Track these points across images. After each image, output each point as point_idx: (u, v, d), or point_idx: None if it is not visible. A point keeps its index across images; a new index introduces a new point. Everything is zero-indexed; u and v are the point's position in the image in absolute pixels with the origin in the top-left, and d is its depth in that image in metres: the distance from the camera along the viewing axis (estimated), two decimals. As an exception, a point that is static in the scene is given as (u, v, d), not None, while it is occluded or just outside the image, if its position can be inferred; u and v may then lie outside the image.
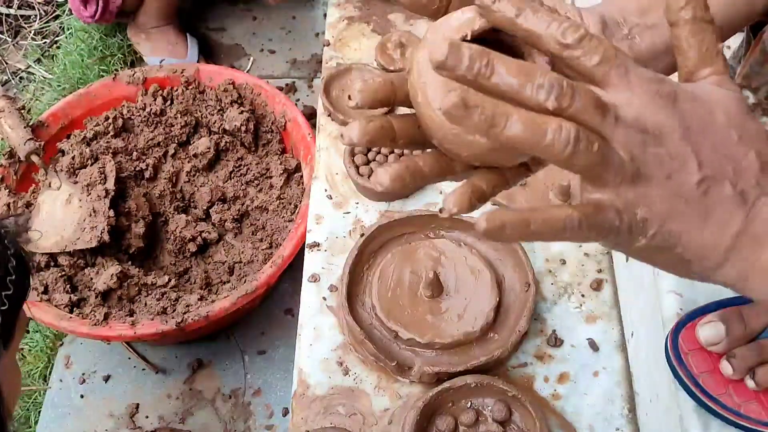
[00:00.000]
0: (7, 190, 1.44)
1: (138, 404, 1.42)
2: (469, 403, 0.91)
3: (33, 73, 2.02)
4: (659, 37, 0.55)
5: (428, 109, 0.43)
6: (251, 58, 1.93)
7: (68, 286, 1.35)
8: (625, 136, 0.38)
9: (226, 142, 1.55)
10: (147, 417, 1.41)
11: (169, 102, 1.57)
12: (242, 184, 1.53)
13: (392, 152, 1.15)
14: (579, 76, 0.40)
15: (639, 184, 0.39)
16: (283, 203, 1.48)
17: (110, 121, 1.54)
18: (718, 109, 0.41)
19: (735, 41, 0.77)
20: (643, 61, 0.54)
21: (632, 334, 0.96)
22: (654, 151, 0.39)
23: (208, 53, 1.94)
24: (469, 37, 0.42)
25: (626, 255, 0.42)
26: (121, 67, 1.87)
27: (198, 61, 1.86)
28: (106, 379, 1.45)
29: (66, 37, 2.02)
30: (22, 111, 1.49)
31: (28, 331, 1.54)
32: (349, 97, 0.45)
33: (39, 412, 1.42)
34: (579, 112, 0.37)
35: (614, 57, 0.39)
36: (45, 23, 2.13)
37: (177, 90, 1.58)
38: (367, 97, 0.45)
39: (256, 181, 1.53)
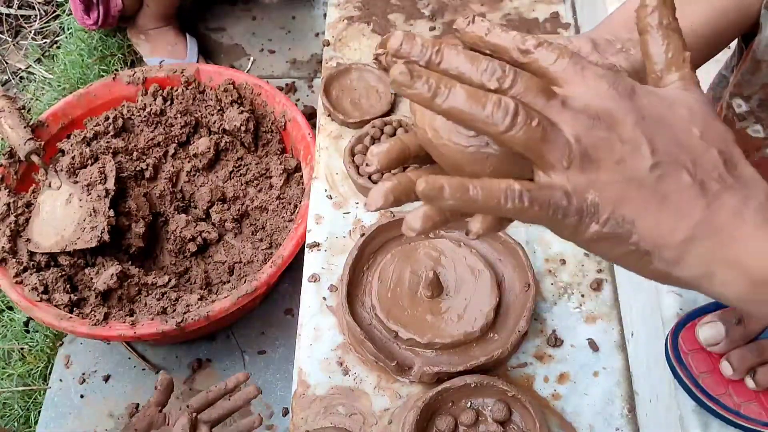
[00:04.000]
0: (7, 190, 1.44)
1: (138, 404, 1.42)
2: (469, 403, 0.91)
3: (33, 73, 2.02)
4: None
5: (439, 140, 0.44)
6: (251, 58, 1.93)
7: (68, 286, 1.35)
8: (572, 119, 0.39)
9: (226, 142, 1.55)
10: (147, 417, 1.41)
11: (169, 102, 1.57)
12: (242, 184, 1.53)
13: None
14: (540, 79, 0.41)
15: (589, 168, 0.39)
16: (283, 203, 1.48)
17: (110, 121, 1.54)
18: (679, 106, 0.42)
19: (724, 51, 0.78)
20: (640, 71, 0.55)
21: (632, 334, 0.96)
22: (603, 135, 0.39)
23: (208, 53, 1.94)
24: None
25: (582, 246, 0.42)
26: (121, 67, 1.87)
27: (198, 61, 1.86)
28: (106, 379, 1.45)
29: (66, 37, 2.02)
30: (22, 111, 1.49)
31: (27, 331, 1.54)
32: (367, 164, 0.47)
33: (39, 412, 1.42)
34: (521, 94, 0.39)
35: (569, 56, 0.40)
36: (45, 23, 2.13)
37: (177, 90, 1.58)
38: (383, 159, 0.47)
39: (256, 181, 1.53)
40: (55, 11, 2.12)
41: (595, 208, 0.40)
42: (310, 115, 1.65)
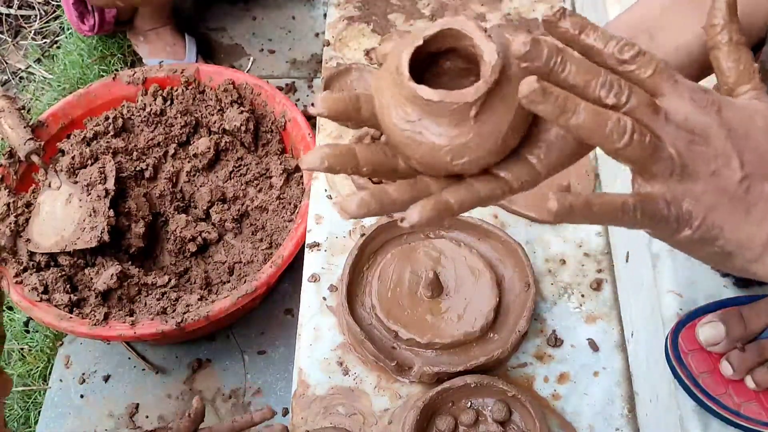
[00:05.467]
0: (7, 190, 1.44)
1: (138, 404, 1.42)
2: (469, 403, 0.91)
3: (33, 73, 2.02)
4: (672, 61, 0.56)
5: (389, 122, 0.45)
6: (251, 58, 1.93)
7: (68, 286, 1.35)
8: (675, 133, 0.43)
9: (226, 142, 1.55)
10: (147, 417, 1.41)
11: (169, 102, 1.57)
12: (242, 184, 1.53)
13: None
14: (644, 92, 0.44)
15: (686, 179, 0.43)
16: (283, 203, 1.48)
17: (110, 121, 1.54)
18: (757, 117, 0.45)
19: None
20: None
21: (632, 334, 0.96)
22: (700, 149, 0.43)
23: (208, 53, 1.94)
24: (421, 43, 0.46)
25: (672, 245, 0.46)
26: (121, 67, 1.87)
27: (197, 61, 1.86)
28: (106, 379, 1.45)
29: (66, 37, 2.02)
30: (22, 111, 1.49)
31: (28, 331, 1.54)
32: (312, 104, 0.47)
33: (39, 412, 1.42)
34: (634, 109, 0.42)
35: (665, 69, 0.43)
36: (45, 23, 2.13)
37: (177, 90, 1.58)
38: (329, 106, 0.46)
39: (256, 181, 1.53)
40: (55, 11, 2.12)
41: (689, 215, 0.44)
42: (310, 115, 1.65)
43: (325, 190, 1.14)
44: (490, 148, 0.44)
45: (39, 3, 2.15)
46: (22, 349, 1.50)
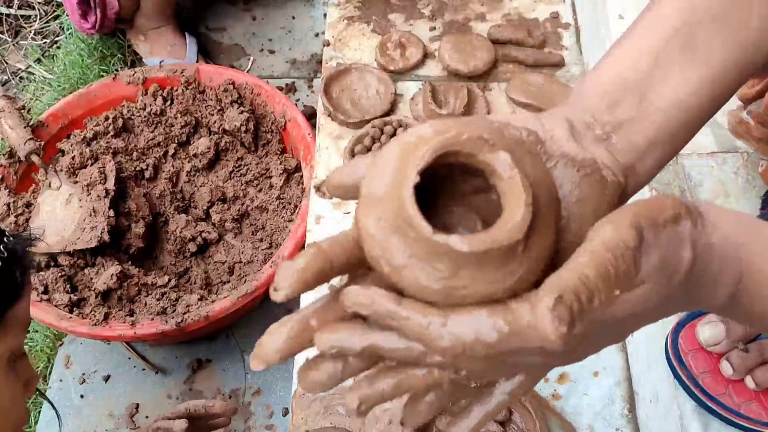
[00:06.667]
0: (7, 190, 1.44)
1: (138, 404, 1.42)
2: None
3: (33, 73, 2.02)
4: (637, 134, 0.46)
5: (415, 284, 0.38)
6: (251, 58, 1.93)
7: (68, 286, 1.35)
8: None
9: (226, 142, 1.55)
10: (147, 417, 1.41)
11: (169, 102, 1.57)
12: (242, 184, 1.53)
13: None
14: None
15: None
16: (283, 203, 1.48)
17: (110, 121, 1.54)
18: None
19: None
20: (626, 163, 0.45)
21: (632, 334, 0.96)
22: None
23: (208, 53, 1.94)
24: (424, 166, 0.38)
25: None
26: (121, 67, 1.87)
27: (197, 61, 1.86)
28: (106, 379, 1.45)
29: (66, 37, 2.02)
30: (22, 111, 1.49)
31: (28, 331, 1.53)
32: (275, 288, 0.39)
33: (39, 412, 1.42)
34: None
35: None
36: (45, 23, 2.13)
37: (177, 90, 1.58)
38: (296, 285, 0.39)
39: (256, 181, 1.53)
40: (55, 11, 2.12)
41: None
42: (310, 115, 1.65)
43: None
44: (543, 267, 0.38)
45: (39, 3, 2.15)
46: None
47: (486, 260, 0.36)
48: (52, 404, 1.03)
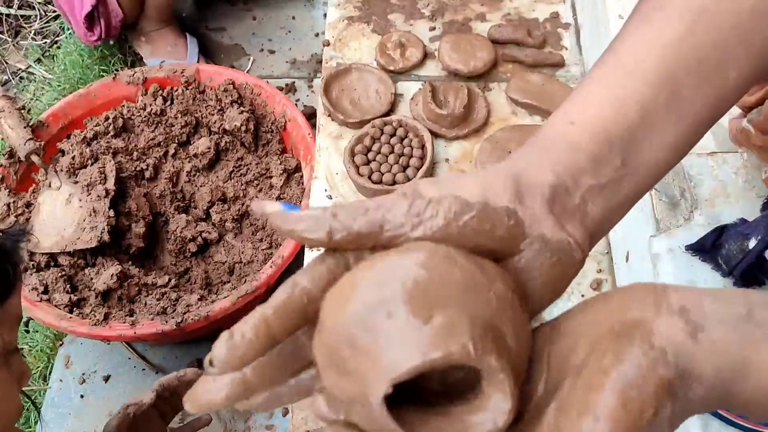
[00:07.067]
0: (7, 190, 1.44)
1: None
2: (469, 403, 0.91)
3: (33, 73, 2.03)
4: (612, 198, 0.43)
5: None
6: (251, 58, 1.93)
7: (68, 286, 1.35)
8: None
9: (226, 142, 1.55)
10: (147, 417, 1.41)
11: (169, 102, 1.57)
12: (242, 184, 1.53)
13: (392, 152, 1.15)
14: None
15: None
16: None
17: (110, 121, 1.54)
18: None
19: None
20: (593, 231, 0.42)
21: (632, 334, 0.96)
22: None
23: (208, 53, 1.94)
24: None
25: None
26: (121, 67, 1.87)
27: (198, 62, 1.86)
28: (106, 379, 1.45)
29: (66, 37, 2.02)
30: (22, 111, 1.49)
31: (27, 331, 1.54)
32: (210, 362, 0.36)
33: (39, 412, 1.42)
34: None
35: None
36: (45, 23, 2.13)
37: (177, 90, 1.58)
38: (233, 360, 0.36)
39: (256, 181, 1.53)
40: (55, 11, 2.12)
41: None
42: (310, 115, 1.65)
43: (325, 190, 1.14)
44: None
45: (39, 3, 2.15)
46: (22, 349, 1.50)
47: None
48: (33, 402, 1.03)
